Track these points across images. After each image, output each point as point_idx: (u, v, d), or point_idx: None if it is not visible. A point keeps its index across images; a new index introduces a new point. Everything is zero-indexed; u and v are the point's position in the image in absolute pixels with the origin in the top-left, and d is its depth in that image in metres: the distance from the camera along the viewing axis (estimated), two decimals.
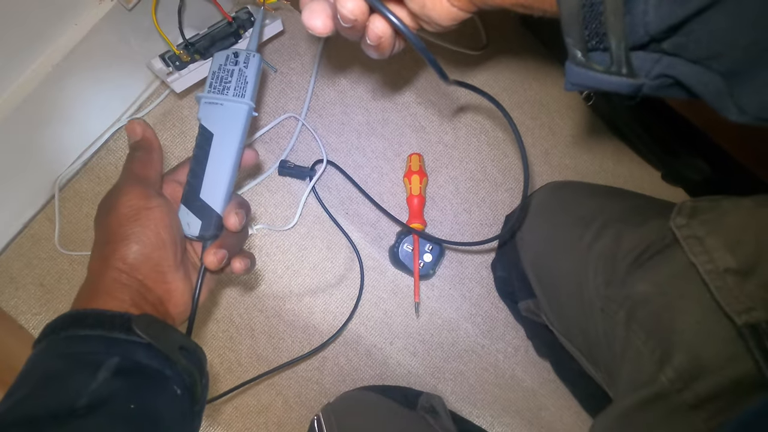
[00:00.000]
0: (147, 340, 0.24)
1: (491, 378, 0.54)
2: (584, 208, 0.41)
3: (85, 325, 0.24)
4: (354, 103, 0.55)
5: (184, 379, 0.25)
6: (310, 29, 0.25)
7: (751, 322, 0.24)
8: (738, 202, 0.28)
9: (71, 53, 0.40)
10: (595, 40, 0.19)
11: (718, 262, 0.26)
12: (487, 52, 0.56)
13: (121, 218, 0.27)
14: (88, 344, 0.24)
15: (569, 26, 0.19)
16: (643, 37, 0.18)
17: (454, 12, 0.24)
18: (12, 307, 0.49)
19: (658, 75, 0.19)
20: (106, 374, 0.23)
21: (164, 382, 0.24)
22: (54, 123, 0.44)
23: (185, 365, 0.25)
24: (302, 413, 0.52)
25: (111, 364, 0.23)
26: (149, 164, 0.30)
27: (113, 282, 0.26)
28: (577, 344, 0.40)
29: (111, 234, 0.27)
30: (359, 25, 0.24)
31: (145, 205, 0.27)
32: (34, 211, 0.50)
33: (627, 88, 0.19)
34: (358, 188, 0.52)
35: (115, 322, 0.24)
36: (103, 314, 0.25)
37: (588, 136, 0.58)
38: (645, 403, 0.27)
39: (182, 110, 0.53)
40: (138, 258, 0.27)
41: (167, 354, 0.25)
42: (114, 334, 0.24)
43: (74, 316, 0.25)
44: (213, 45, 0.44)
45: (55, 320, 0.25)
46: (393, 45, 0.27)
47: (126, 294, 0.26)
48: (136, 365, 0.24)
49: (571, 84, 0.21)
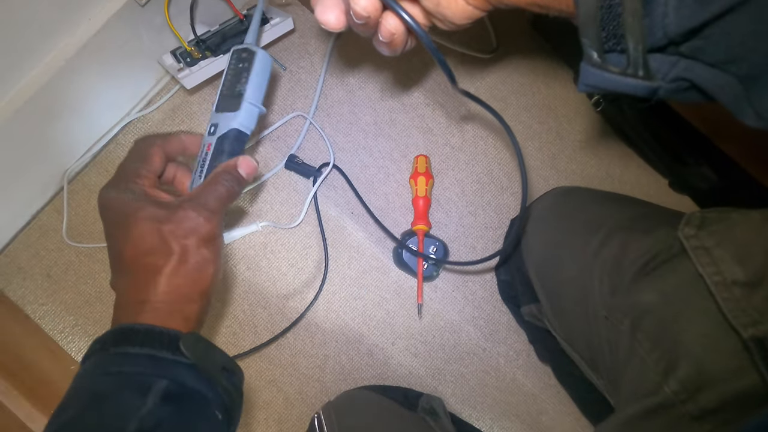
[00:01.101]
0: (192, 360, 0.24)
1: (492, 381, 0.54)
2: (590, 215, 0.41)
3: (135, 342, 0.24)
4: (362, 102, 0.55)
5: (224, 401, 0.25)
6: (323, 24, 0.25)
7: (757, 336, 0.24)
8: (747, 215, 0.28)
9: (84, 48, 0.41)
10: (613, 42, 0.19)
11: (725, 274, 0.26)
12: (496, 55, 0.56)
13: (138, 252, 0.26)
14: (138, 363, 0.24)
15: (586, 27, 0.19)
16: (662, 39, 0.18)
17: (470, 10, 0.24)
18: (19, 297, 0.50)
19: (675, 78, 0.19)
20: (156, 399, 0.23)
21: (206, 407, 0.24)
22: (65, 116, 0.45)
23: (226, 387, 0.25)
24: (303, 410, 0.52)
25: (160, 387, 0.23)
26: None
27: (142, 305, 0.26)
28: (578, 350, 0.40)
29: (134, 265, 0.26)
30: (372, 21, 0.24)
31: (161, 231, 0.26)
32: (43, 203, 0.50)
33: (643, 91, 0.19)
34: (360, 200, 0.52)
35: (163, 340, 0.24)
36: (151, 330, 0.24)
37: (596, 141, 0.58)
38: (648, 413, 0.27)
39: (191, 106, 0.53)
40: (167, 287, 0.26)
41: (211, 375, 0.25)
42: (162, 354, 0.24)
43: (123, 332, 0.24)
44: (224, 42, 0.44)
45: (105, 335, 0.25)
46: (405, 42, 0.27)
47: (157, 309, 0.26)
48: (182, 389, 0.24)
49: (586, 85, 0.20)
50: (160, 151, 0.31)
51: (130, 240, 0.26)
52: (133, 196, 0.28)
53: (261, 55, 0.33)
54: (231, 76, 0.34)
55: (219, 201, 0.28)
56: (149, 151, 0.31)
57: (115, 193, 0.28)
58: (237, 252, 0.53)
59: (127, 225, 0.26)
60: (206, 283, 0.27)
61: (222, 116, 0.33)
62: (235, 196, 0.29)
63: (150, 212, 0.27)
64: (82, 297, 0.51)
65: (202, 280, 0.27)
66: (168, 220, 0.26)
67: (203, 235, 0.27)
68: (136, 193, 0.28)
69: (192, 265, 0.26)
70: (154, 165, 0.31)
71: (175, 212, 0.27)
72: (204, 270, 0.27)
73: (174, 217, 0.27)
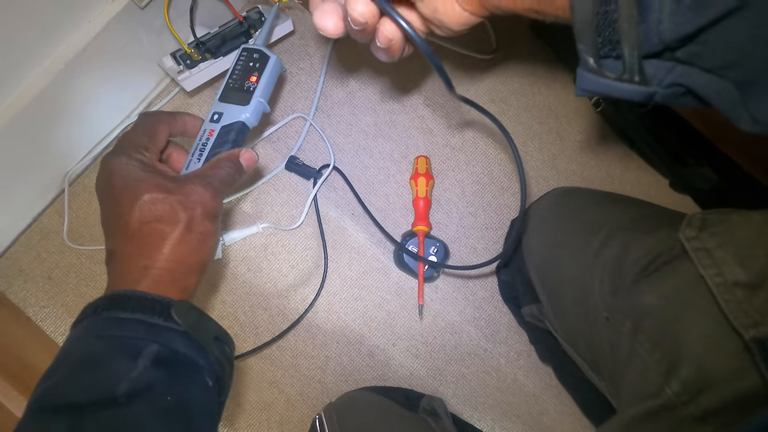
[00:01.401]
0: (184, 327, 0.24)
1: (493, 382, 0.54)
2: (591, 215, 0.41)
3: (127, 308, 0.24)
4: (362, 104, 0.55)
5: (215, 370, 0.25)
6: (321, 30, 0.25)
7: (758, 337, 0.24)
8: (748, 216, 0.28)
9: (84, 50, 0.41)
10: (608, 48, 0.19)
11: (727, 275, 0.26)
12: (496, 57, 0.56)
13: (146, 218, 0.27)
14: (129, 328, 0.24)
15: (582, 33, 0.19)
16: (657, 45, 0.18)
17: (466, 16, 0.24)
18: (21, 299, 0.50)
19: (671, 84, 0.19)
20: (146, 362, 0.23)
21: (198, 373, 0.25)
22: (65, 119, 0.45)
23: (217, 356, 0.26)
24: (304, 412, 0.52)
25: (150, 351, 0.23)
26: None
27: (145, 270, 0.26)
28: (580, 351, 0.40)
29: (141, 230, 0.27)
30: (369, 28, 0.24)
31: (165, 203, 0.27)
32: (44, 205, 0.50)
33: (639, 96, 0.19)
34: (360, 202, 0.52)
35: (155, 307, 0.24)
36: (144, 297, 0.25)
37: (596, 142, 0.58)
38: (649, 415, 0.27)
39: (191, 108, 0.53)
40: (172, 253, 0.27)
41: (203, 343, 0.25)
42: (153, 320, 0.24)
43: (116, 298, 0.25)
44: (224, 44, 0.44)
45: (97, 300, 0.25)
46: (403, 48, 0.27)
47: (159, 277, 0.26)
48: (174, 354, 0.24)
49: (582, 90, 0.21)
50: (166, 129, 0.33)
51: (138, 206, 0.27)
52: (141, 165, 0.29)
53: (274, 60, 0.37)
54: (240, 72, 0.37)
55: (222, 182, 0.30)
56: (157, 127, 0.32)
57: (125, 159, 0.29)
58: (238, 253, 0.53)
59: (136, 191, 0.27)
60: (206, 255, 0.28)
61: (228, 107, 0.35)
62: (234, 183, 0.31)
63: (159, 182, 0.27)
64: (83, 299, 0.51)
65: (203, 252, 0.28)
66: (177, 191, 0.27)
67: (209, 209, 0.28)
68: (145, 164, 0.29)
69: (196, 236, 0.27)
70: (159, 140, 0.32)
71: (183, 185, 0.28)
72: (206, 242, 0.28)
73: (183, 189, 0.28)
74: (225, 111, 0.35)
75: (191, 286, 0.28)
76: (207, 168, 0.31)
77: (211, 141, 0.34)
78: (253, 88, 0.36)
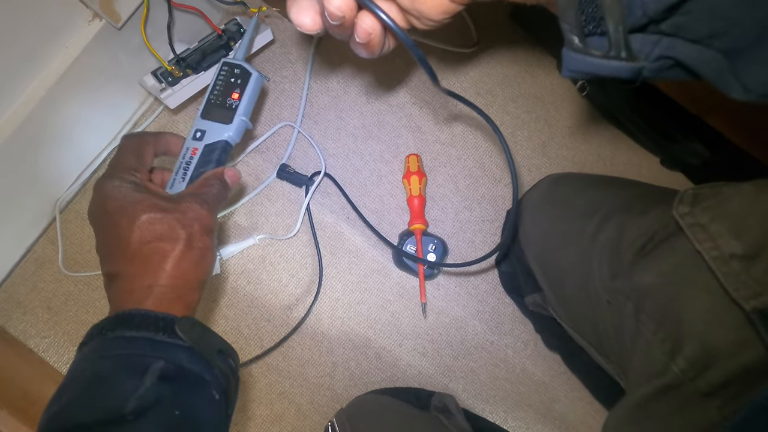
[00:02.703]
0: (189, 343, 0.25)
1: (502, 373, 0.54)
2: (585, 200, 0.41)
3: (131, 327, 0.25)
4: (348, 107, 0.55)
5: (221, 383, 0.26)
6: (298, 26, 0.25)
7: (759, 307, 0.24)
8: (739, 188, 0.28)
9: (63, 76, 0.40)
10: (593, 25, 0.18)
11: (723, 249, 0.26)
12: (478, 49, 0.56)
13: (146, 238, 0.27)
14: (135, 346, 0.24)
15: (565, 11, 0.19)
16: (642, 18, 0.18)
17: (446, 4, 0.23)
18: (21, 332, 0.49)
19: (659, 57, 0.19)
20: (153, 378, 0.23)
21: (204, 387, 0.25)
22: (51, 146, 0.44)
23: (222, 369, 0.26)
24: (316, 420, 0.52)
25: (156, 367, 0.23)
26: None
27: (149, 290, 0.27)
28: (585, 336, 0.40)
29: (141, 251, 0.27)
30: (347, 22, 0.24)
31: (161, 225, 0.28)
32: (36, 235, 0.50)
33: (627, 73, 0.19)
34: (353, 207, 0.52)
35: (159, 324, 0.25)
36: (147, 315, 0.25)
37: (584, 126, 0.58)
38: (658, 394, 0.27)
39: (177, 125, 0.53)
40: (174, 270, 0.27)
41: (207, 358, 0.25)
42: (158, 337, 0.24)
43: (120, 318, 0.25)
44: (204, 58, 0.44)
45: (102, 322, 0.26)
46: (383, 43, 0.26)
47: (163, 294, 0.26)
48: (180, 369, 0.24)
49: (569, 71, 0.20)
50: (152, 149, 0.33)
51: (137, 226, 0.27)
52: (134, 186, 0.29)
53: (255, 77, 0.37)
54: (222, 87, 0.37)
55: (214, 199, 0.31)
56: (144, 148, 0.32)
57: (117, 182, 0.29)
58: (236, 267, 0.52)
59: (133, 212, 0.27)
60: (206, 270, 0.29)
61: (211, 125, 0.36)
62: (223, 200, 0.32)
63: (155, 201, 0.28)
64: (84, 326, 0.50)
65: (203, 267, 0.28)
66: (174, 209, 0.28)
67: (206, 225, 0.29)
68: (137, 185, 0.29)
69: (196, 251, 0.28)
70: (147, 161, 0.33)
71: (179, 203, 0.29)
72: (205, 257, 0.28)
73: (179, 207, 0.28)
74: (207, 129, 0.35)
75: (194, 301, 0.28)
76: (197, 186, 0.31)
77: (195, 160, 0.34)
78: (235, 106, 0.36)
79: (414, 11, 0.24)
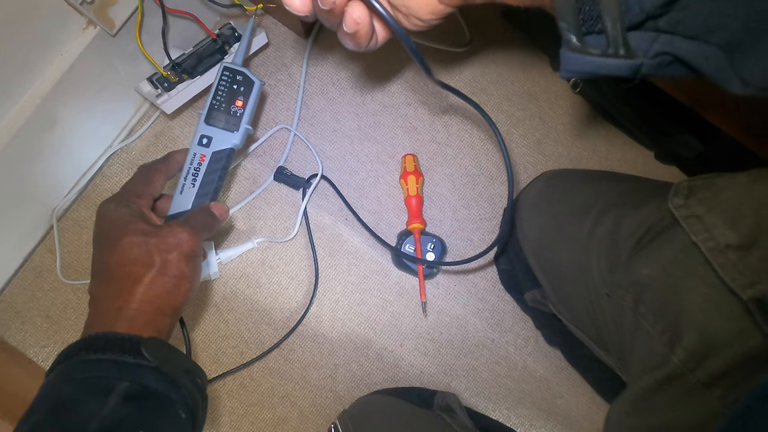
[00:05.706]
0: (155, 363, 0.25)
1: (504, 371, 0.55)
2: (581, 196, 0.41)
3: (97, 350, 0.25)
4: (344, 109, 0.55)
5: (188, 403, 0.26)
6: (288, 7, 0.25)
7: (756, 296, 0.24)
8: (733, 178, 0.28)
9: (59, 84, 0.40)
10: (590, 23, 0.18)
11: (719, 239, 0.26)
12: (471, 48, 0.56)
13: (123, 261, 0.28)
14: (100, 368, 0.24)
15: (563, 10, 0.19)
16: (639, 15, 0.18)
17: (433, 4, 0.24)
18: (20, 341, 0.49)
19: (657, 53, 0.19)
20: (117, 399, 0.23)
21: (170, 407, 0.25)
22: (47, 154, 0.44)
23: (190, 389, 0.26)
24: (319, 422, 0.52)
25: (121, 388, 0.24)
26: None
27: (119, 312, 0.27)
28: (586, 331, 0.40)
29: (117, 272, 0.28)
30: (337, 9, 0.24)
31: (147, 245, 0.28)
32: (34, 244, 0.49)
33: (626, 70, 0.19)
34: (350, 209, 0.52)
35: (125, 345, 0.25)
36: (113, 337, 0.25)
37: (579, 122, 0.59)
38: (659, 385, 0.28)
39: (174, 130, 0.53)
40: (144, 296, 0.28)
41: (174, 378, 0.25)
42: (123, 358, 0.25)
43: (86, 342, 0.25)
44: (200, 63, 0.44)
45: (68, 348, 0.26)
46: (370, 36, 0.26)
47: (133, 318, 0.27)
48: (145, 389, 0.24)
49: (568, 72, 0.20)
50: (162, 176, 0.35)
51: (117, 249, 0.28)
52: (129, 210, 0.30)
53: (258, 86, 0.38)
54: (225, 93, 0.38)
55: (200, 225, 0.31)
56: (153, 176, 0.34)
57: (114, 205, 0.30)
58: (236, 271, 0.52)
59: (118, 235, 0.28)
60: (180, 299, 0.29)
61: (217, 132, 0.37)
62: (211, 230, 0.33)
63: (140, 227, 0.29)
64: None
65: (177, 295, 0.29)
66: (155, 234, 0.29)
67: (186, 250, 0.29)
68: (133, 210, 0.30)
69: (170, 279, 0.28)
70: (154, 188, 0.34)
71: (161, 229, 0.29)
72: (180, 285, 0.29)
73: (161, 232, 0.29)
74: (214, 135, 0.37)
75: (166, 327, 0.28)
76: (186, 216, 0.33)
77: (203, 166, 0.36)
78: (240, 114, 0.37)
79: (403, 8, 0.24)
